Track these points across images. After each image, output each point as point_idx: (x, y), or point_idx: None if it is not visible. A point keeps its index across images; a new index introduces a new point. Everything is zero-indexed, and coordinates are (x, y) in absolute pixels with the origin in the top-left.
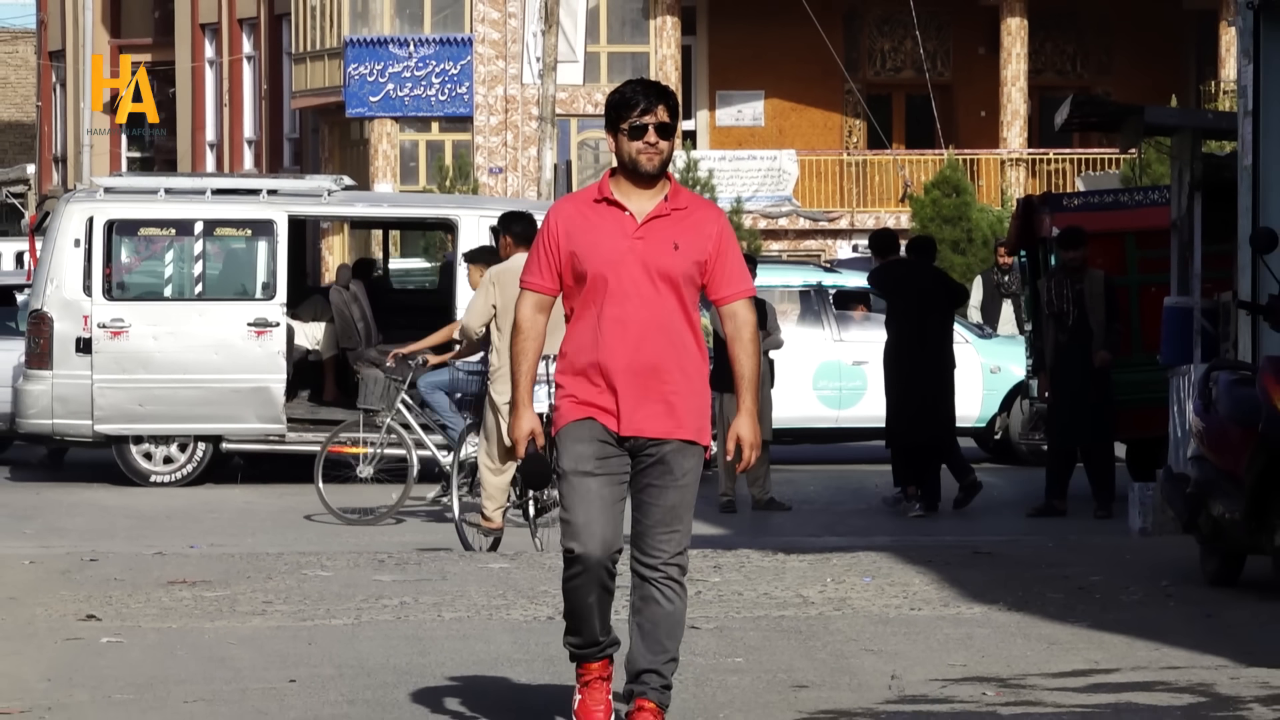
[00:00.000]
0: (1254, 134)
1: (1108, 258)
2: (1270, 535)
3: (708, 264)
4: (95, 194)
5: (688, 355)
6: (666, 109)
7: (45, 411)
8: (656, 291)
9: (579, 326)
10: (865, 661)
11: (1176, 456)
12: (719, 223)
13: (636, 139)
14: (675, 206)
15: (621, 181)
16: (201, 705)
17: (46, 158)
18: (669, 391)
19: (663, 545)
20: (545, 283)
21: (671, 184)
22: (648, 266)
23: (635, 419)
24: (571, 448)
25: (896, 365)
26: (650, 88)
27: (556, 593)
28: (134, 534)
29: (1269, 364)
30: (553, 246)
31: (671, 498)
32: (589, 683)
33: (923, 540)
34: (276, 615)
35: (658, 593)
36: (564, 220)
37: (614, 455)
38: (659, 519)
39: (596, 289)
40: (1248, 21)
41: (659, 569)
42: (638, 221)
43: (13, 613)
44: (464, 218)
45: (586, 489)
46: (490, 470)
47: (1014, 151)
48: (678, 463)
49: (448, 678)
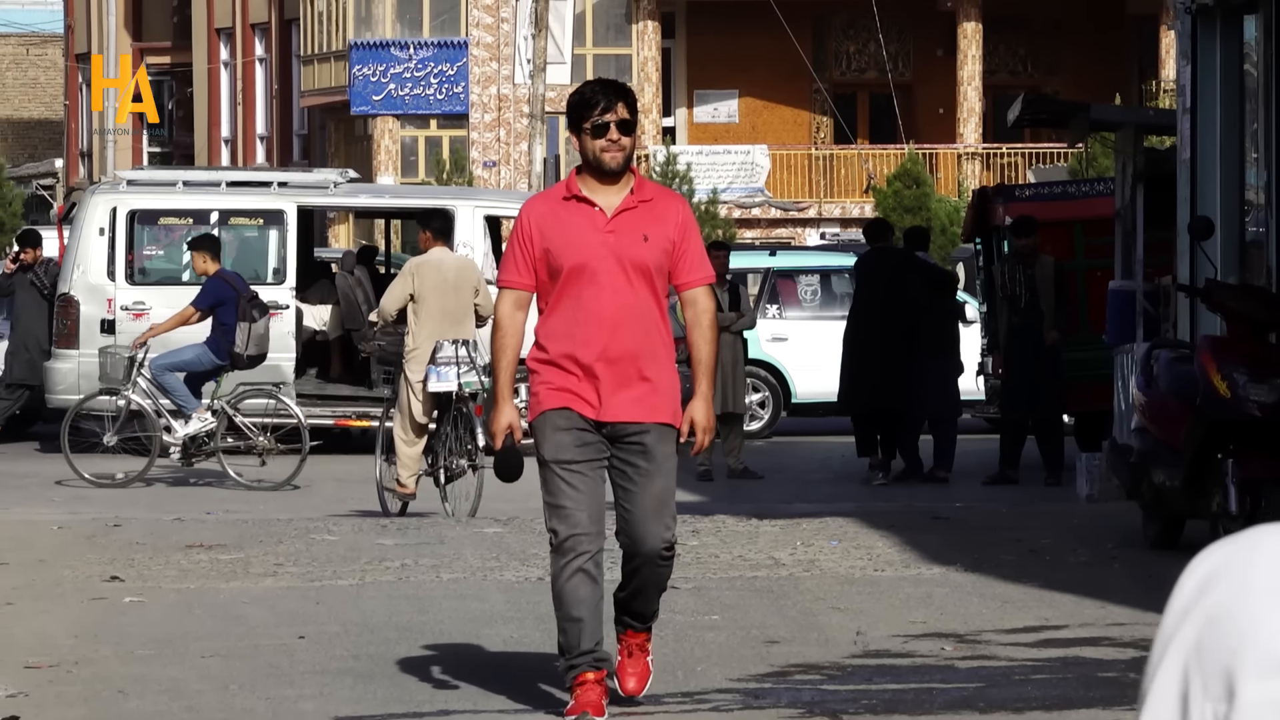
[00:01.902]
0: (1192, 130)
1: (1057, 245)
2: (1207, 501)
3: (672, 251)
4: (118, 186)
5: (660, 342)
6: (626, 106)
7: (72, 388)
8: (629, 282)
9: (554, 318)
10: (832, 619)
11: (1121, 428)
12: (682, 212)
13: (599, 137)
14: (641, 199)
15: (588, 178)
16: (217, 660)
17: (73, 153)
18: (644, 378)
19: (655, 531)
20: (522, 279)
21: (636, 177)
22: (620, 258)
23: (612, 405)
24: (551, 436)
25: (853, 339)
26: (609, 86)
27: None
28: (154, 502)
29: (1206, 343)
30: (527, 244)
31: (657, 485)
32: (584, 684)
33: (885, 507)
34: (286, 576)
35: (650, 566)
36: (536, 219)
37: (592, 441)
38: (649, 508)
39: (571, 282)
40: (1186, 26)
41: (653, 550)
42: (607, 216)
43: (42, 574)
44: (460, 208)
45: (568, 476)
46: (404, 442)
47: (970, 146)
48: (658, 449)
49: (445, 634)
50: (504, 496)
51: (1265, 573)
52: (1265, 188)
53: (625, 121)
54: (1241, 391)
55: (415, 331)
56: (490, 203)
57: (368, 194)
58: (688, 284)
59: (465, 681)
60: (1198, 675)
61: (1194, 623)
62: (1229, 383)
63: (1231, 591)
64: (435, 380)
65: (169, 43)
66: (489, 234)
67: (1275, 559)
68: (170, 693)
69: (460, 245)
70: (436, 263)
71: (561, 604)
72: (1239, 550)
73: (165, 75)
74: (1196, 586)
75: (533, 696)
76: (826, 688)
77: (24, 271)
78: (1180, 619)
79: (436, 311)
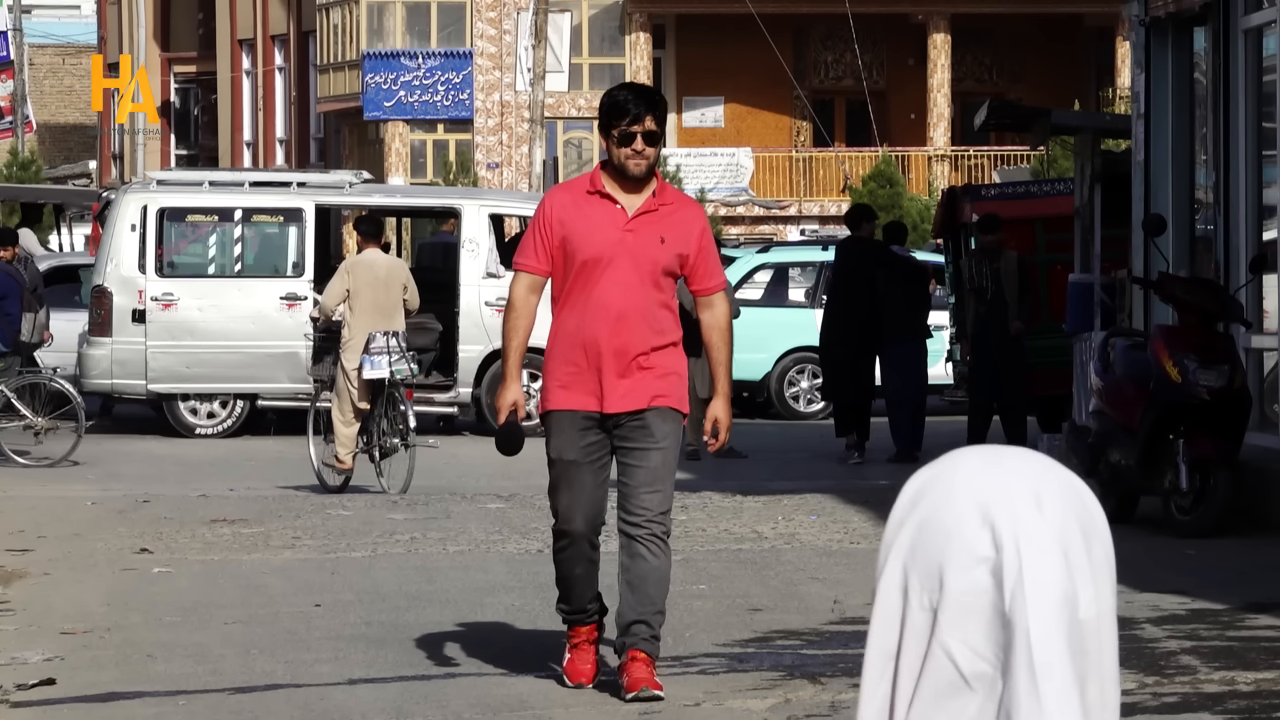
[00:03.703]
0: (1145, 133)
1: (1020, 240)
2: (1160, 478)
3: (689, 258)
4: (149, 186)
5: (668, 339)
6: (655, 119)
7: (106, 373)
8: (641, 281)
9: (566, 312)
10: (811, 588)
11: (1079, 411)
12: (701, 221)
13: (625, 145)
14: (662, 202)
15: (612, 177)
16: (239, 626)
17: (106, 155)
18: (648, 370)
19: (647, 504)
20: (539, 264)
21: (658, 180)
22: (636, 257)
23: (616, 397)
24: (557, 436)
25: (827, 328)
26: (642, 97)
27: (545, 530)
28: (181, 479)
29: (1158, 332)
30: (547, 230)
31: (654, 459)
32: (577, 645)
33: (861, 484)
34: (304, 549)
35: (644, 549)
36: (559, 208)
37: (596, 439)
38: (643, 480)
39: (584, 275)
40: (1140, 37)
41: (644, 525)
42: (628, 215)
43: (77, 547)
44: (466, 206)
45: (571, 475)
46: (342, 422)
47: (939, 149)
48: (658, 425)
49: (451, 602)
50: (506, 474)
51: (962, 487)
52: (1213, 187)
53: (651, 133)
54: (1191, 377)
55: (351, 324)
56: (494, 202)
57: (380, 193)
58: (705, 289)
59: (470, 646)
60: (914, 572)
61: (908, 530)
62: (1180, 369)
63: (936, 503)
64: (370, 368)
65: (195, 53)
66: (493, 231)
67: (968, 476)
68: (195, 656)
69: (466, 241)
70: (369, 262)
71: (559, 575)
72: (941, 470)
73: (191, 83)
74: (909, 501)
75: (532, 661)
76: (806, 652)
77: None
78: (898, 528)
79: (369, 306)
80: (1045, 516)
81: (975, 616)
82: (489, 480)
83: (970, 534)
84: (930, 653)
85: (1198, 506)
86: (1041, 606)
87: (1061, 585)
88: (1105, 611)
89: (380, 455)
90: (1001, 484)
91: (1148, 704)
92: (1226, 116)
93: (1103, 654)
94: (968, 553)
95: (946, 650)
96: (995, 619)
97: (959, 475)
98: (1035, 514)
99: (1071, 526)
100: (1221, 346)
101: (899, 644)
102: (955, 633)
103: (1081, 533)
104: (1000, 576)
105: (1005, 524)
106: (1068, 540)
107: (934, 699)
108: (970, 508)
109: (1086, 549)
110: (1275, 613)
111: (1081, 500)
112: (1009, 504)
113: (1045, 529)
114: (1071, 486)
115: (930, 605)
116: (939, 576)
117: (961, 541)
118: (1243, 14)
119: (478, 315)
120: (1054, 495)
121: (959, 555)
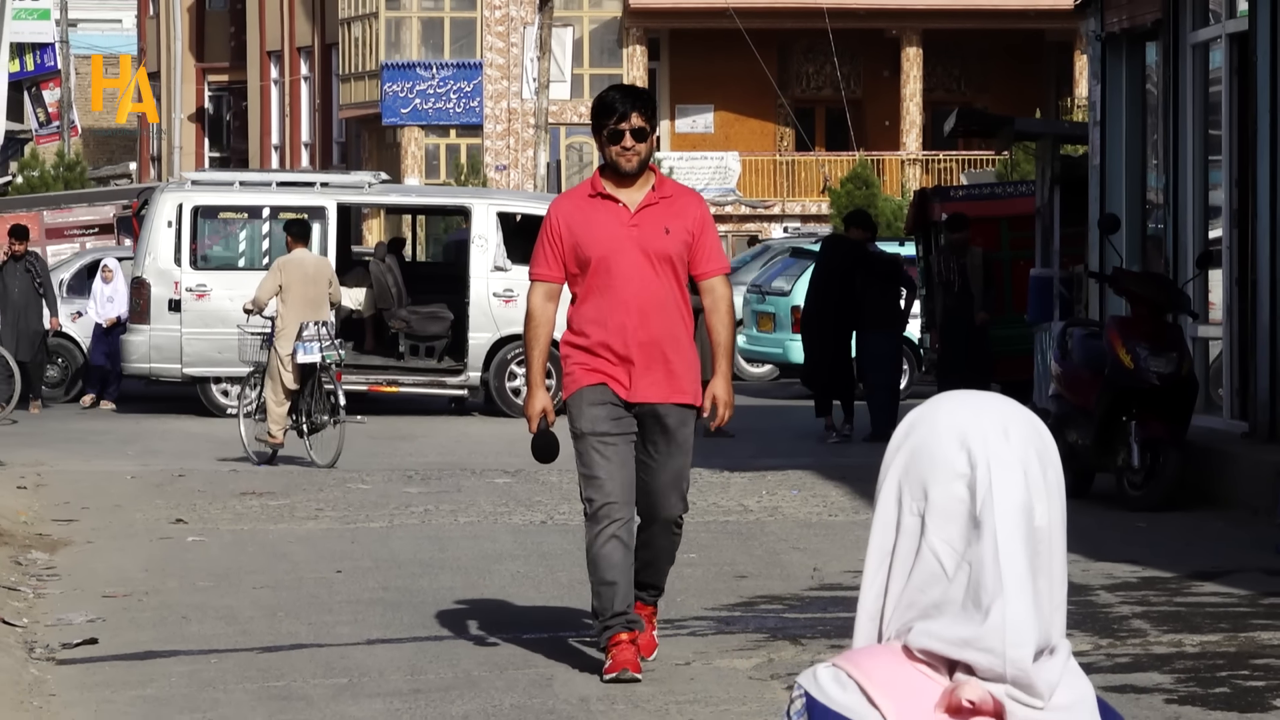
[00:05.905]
0: (1101, 140)
1: (985, 237)
2: (1113, 457)
3: (691, 243)
4: (184, 185)
5: (683, 327)
6: (641, 115)
7: (144, 358)
8: (655, 272)
9: (585, 307)
10: (793, 557)
11: (1040, 394)
12: (700, 207)
13: (614, 143)
14: (662, 195)
15: (610, 177)
16: (266, 591)
17: (145, 157)
18: (669, 361)
19: (673, 503)
20: (553, 272)
21: (656, 175)
22: (645, 250)
23: (641, 387)
24: (587, 411)
25: (807, 318)
26: (627, 96)
27: (548, 503)
28: (213, 455)
29: (1113, 322)
30: (556, 240)
31: (677, 463)
32: (619, 643)
33: (839, 462)
34: (326, 520)
35: (664, 535)
36: (564, 216)
37: (624, 416)
38: (668, 482)
39: (599, 272)
40: (1096, 51)
41: (668, 519)
42: (631, 211)
43: (118, 517)
44: (476, 206)
45: (602, 449)
46: (275, 403)
47: (911, 153)
48: (680, 430)
49: (462, 569)
50: (513, 452)
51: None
52: (1164, 190)
53: (639, 129)
54: (1143, 364)
55: (283, 314)
56: (502, 201)
57: (397, 193)
58: (706, 273)
59: (479, 609)
60: (907, 485)
61: (902, 454)
62: (1132, 356)
63: (924, 433)
64: (302, 354)
65: (227, 63)
66: (500, 228)
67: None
68: (226, 618)
69: (475, 237)
70: (299, 261)
71: (596, 569)
72: (929, 409)
73: (224, 91)
74: (903, 432)
75: (536, 623)
76: (788, 616)
77: (15, 261)
78: (894, 453)
79: (299, 299)
80: (1011, 444)
81: (954, 521)
82: (496, 457)
83: (951, 456)
84: (919, 550)
85: (1148, 483)
86: (1005, 512)
87: (1022, 497)
88: (1055, 524)
89: (309, 430)
90: (976, 418)
91: (1102, 664)
92: (1175, 124)
93: (1053, 557)
94: (949, 470)
95: (932, 548)
96: (969, 523)
97: (942, 411)
98: (1003, 441)
99: (1030, 453)
100: (1170, 336)
101: (894, 543)
102: (939, 534)
103: (1038, 458)
104: (974, 489)
105: (979, 448)
106: (1028, 463)
107: (921, 585)
108: (951, 435)
109: (1042, 472)
110: (1219, 580)
111: (1040, 435)
112: (982, 433)
113: (1010, 453)
114: (1031, 424)
115: (919, 512)
116: (925, 489)
117: (944, 461)
118: (1191, 30)
119: (486, 305)
120: (1018, 428)
121: (942, 472)
